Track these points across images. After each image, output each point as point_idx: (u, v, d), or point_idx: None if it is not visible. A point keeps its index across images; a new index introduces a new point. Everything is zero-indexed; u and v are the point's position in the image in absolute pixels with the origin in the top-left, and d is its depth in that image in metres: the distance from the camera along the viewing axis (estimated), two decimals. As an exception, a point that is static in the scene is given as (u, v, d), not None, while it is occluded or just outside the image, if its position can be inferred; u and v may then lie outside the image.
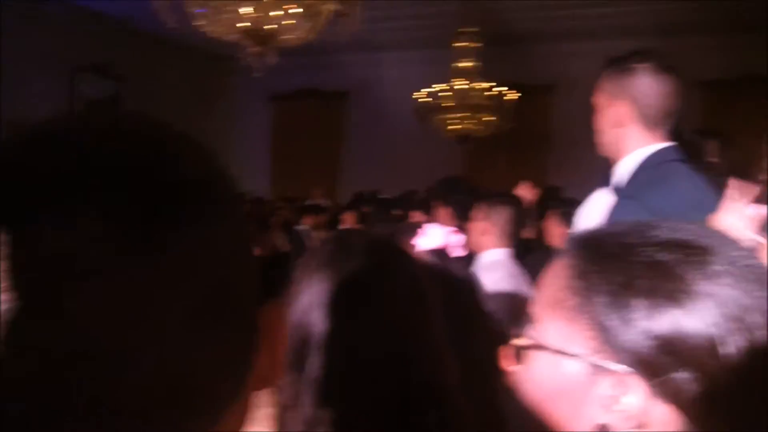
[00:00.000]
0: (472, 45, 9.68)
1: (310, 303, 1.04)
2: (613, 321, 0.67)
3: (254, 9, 5.21)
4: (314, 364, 1.02)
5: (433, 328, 1.10)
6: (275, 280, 1.06)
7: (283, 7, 5.31)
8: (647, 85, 1.87)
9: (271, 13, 5.26)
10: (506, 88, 9.80)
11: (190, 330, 0.41)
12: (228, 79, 13.31)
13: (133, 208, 0.39)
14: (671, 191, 1.74)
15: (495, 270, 2.77)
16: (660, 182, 1.78)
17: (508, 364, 0.81)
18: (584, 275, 0.71)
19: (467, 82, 9.61)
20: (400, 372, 1.03)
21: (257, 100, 13.36)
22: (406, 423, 1.01)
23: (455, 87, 9.65)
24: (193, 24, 5.45)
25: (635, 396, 0.67)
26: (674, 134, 2.61)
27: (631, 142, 1.90)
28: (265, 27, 5.31)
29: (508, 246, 2.86)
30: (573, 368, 0.72)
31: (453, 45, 9.88)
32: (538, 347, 0.75)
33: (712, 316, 0.64)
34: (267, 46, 5.46)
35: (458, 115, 9.77)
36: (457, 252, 1.37)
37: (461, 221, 3.46)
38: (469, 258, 2.98)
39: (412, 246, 1.20)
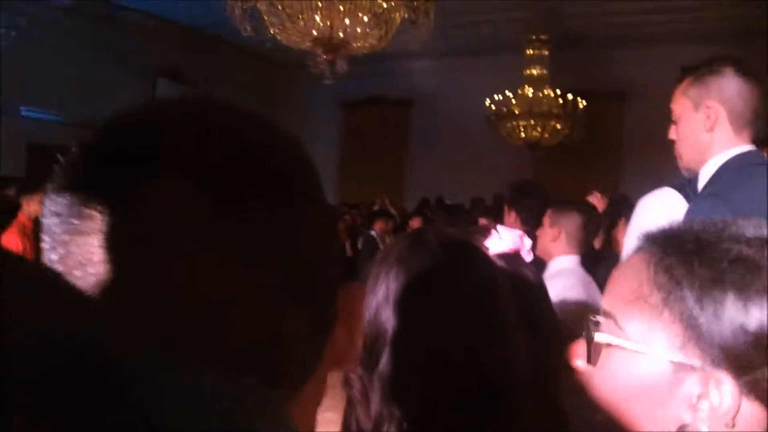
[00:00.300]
0: (543, 52, 9.60)
1: (383, 299, 1.03)
2: (703, 315, 0.65)
3: (326, 17, 5.30)
4: (385, 360, 1.01)
5: (507, 328, 1.09)
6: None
7: (356, 15, 5.39)
8: (736, 86, 1.83)
9: (343, 22, 5.36)
10: (574, 96, 9.69)
11: (275, 300, 0.43)
12: (297, 87, 13.52)
13: (228, 184, 0.42)
14: (756, 191, 1.70)
15: (565, 277, 2.73)
16: (744, 182, 1.74)
17: (577, 363, 0.79)
18: (669, 269, 0.69)
19: (537, 89, 9.55)
20: (471, 371, 1.00)
21: (326, 107, 13.54)
22: (475, 423, 1.00)
23: (525, 94, 9.60)
24: (267, 32, 5.59)
25: (725, 394, 0.65)
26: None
27: (718, 145, 1.86)
28: (337, 35, 5.40)
29: (578, 253, 2.82)
30: (655, 366, 0.70)
31: (523, 52, 9.82)
32: (618, 344, 0.72)
33: None
34: (338, 54, 5.55)
35: (528, 122, 9.70)
36: (527, 256, 1.36)
37: (530, 227, 3.45)
38: (538, 265, 2.96)
39: (484, 248, 1.20)
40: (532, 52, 9.63)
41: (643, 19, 10.34)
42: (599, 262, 3.38)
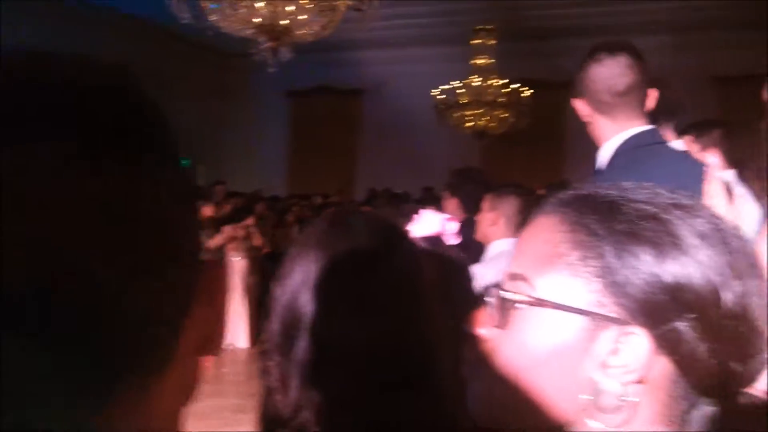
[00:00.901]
0: (489, 42, 9.68)
1: (301, 283, 1.00)
2: (621, 269, 0.66)
3: (269, 4, 5.24)
4: (304, 346, 0.98)
5: (429, 310, 1.08)
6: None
7: (298, 2, 5.34)
8: (593, 74, 1.89)
9: (286, 9, 5.30)
10: (519, 85, 9.81)
11: (118, 274, 0.38)
12: (242, 76, 13.37)
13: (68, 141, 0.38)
14: (645, 176, 1.73)
15: (504, 259, 2.74)
16: (635, 167, 1.78)
17: (483, 331, 0.77)
18: (588, 227, 0.69)
19: (484, 78, 9.63)
20: (394, 353, 1.00)
21: (273, 97, 13.43)
22: (400, 404, 0.99)
23: (472, 84, 9.67)
24: (207, 19, 5.50)
25: (638, 348, 0.66)
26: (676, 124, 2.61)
27: (603, 132, 1.93)
28: (280, 22, 5.34)
29: (516, 236, 2.83)
30: (570, 323, 0.69)
31: (470, 42, 9.89)
32: (537, 303, 0.70)
33: (713, 264, 0.65)
34: (281, 42, 5.49)
35: (475, 111, 9.79)
36: (452, 240, 1.35)
37: (471, 212, 3.46)
38: (478, 249, 2.98)
39: (407, 231, 1.18)
40: (479, 41, 9.70)
41: (588, 11, 10.51)
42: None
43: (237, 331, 7.73)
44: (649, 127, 1.92)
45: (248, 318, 7.73)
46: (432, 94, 10.18)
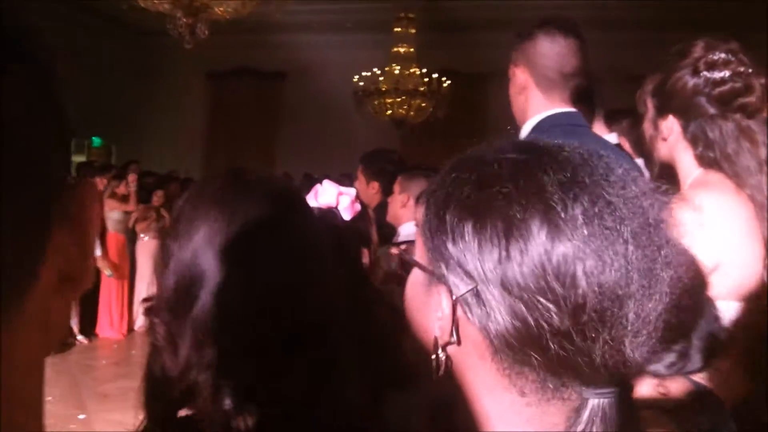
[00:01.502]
0: (410, 30, 9.74)
1: (203, 241, 0.99)
2: (437, 233, 0.68)
3: (186, -21, 5.13)
4: (201, 305, 0.97)
5: (324, 274, 1.10)
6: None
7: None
8: (541, 47, 1.89)
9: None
10: (437, 75, 9.91)
11: None
12: (160, 55, 13.04)
13: None
14: None
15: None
16: None
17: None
18: (428, 194, 0.72)
19: (404, 67, 9.68)
20: (292, 313, 1.00)
21: (193, 77, 13.13)
22: (290, 366, 0.99)
23: (392, 72, 9.71)
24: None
25: (445, 306, 0.67)
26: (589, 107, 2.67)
27: (532, 107, 1.93)
28: (197, -2, 5.25)
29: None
30: (421, 278, 0.73)
31: (392, 30, 9.92)
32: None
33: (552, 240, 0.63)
34: (198, 18, 5.38)
35: (394, 99, 9.84)
36: (346, 213, 1.37)
37: (384, 193, 3.55)
38: (390, 229, 3.02)
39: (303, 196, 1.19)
40: (399, 29, 9.75)
41: (511, 3, 10.68)
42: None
43: (148, 313, 7.60)
44: (573, 109, 1.95)
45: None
46: (352, 80, 10.16)
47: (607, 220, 0.61)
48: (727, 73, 1.56)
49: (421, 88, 9.70)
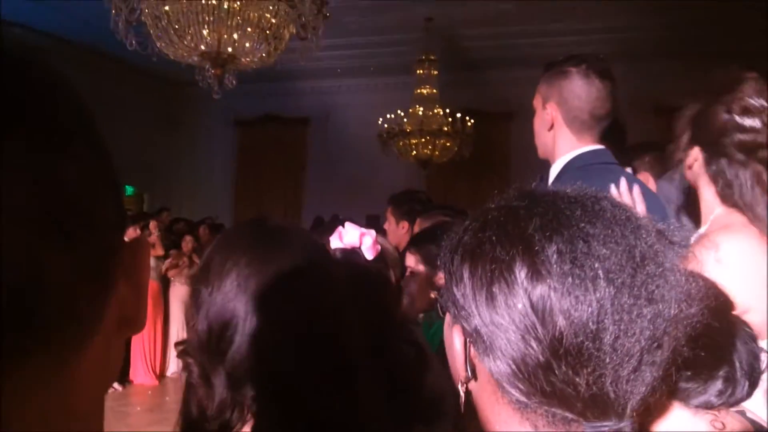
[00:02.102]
0: (432, 72, 9.86)
1: (236, 287, 1.04)
2: (450, 275, 0.73)
3: (214, 31, 5.29)
4: (235, 347, 1.03)
5: (351, 315, 1.14)
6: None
7: (244, 30, 5.40)
8: (577, 88, 1.86)
9: (231, 36, 5.35)
10: (462, 115, 9.99)
11: (30, 240, 0.38)
12: (189, 104, 13.33)
13: None
14: None
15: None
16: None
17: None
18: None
19: (427, 108, 9.79)
20: (316, 354, 1.05)
21: (220, 125, 13.38)
22: (319, 403, 1.03)
23: (416, 113, 9.82)
24: (153, 46, 5.52)
25: (458, 342, 0.73)
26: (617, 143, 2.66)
27: (561, 145, 1.92)
28: (224, 49, 5.39)
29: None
30: (447, 318, 0.79)
31: (413, 72, 10.06)
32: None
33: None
34: (226, 69, 5.54)
35: (419, 140, 9.92)
36: (368, 253, 1.42)
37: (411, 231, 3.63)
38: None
39: (327, 243, 1.25)
40: (422, 72, 9.87)
41: (529, 42, 10.78)
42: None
43: (180, 359, 7.65)
44: (602, 146, 1.92)
45: (192, 345, 7.65)
46: (377, 123, 10.29)
47: (580, 259, 0.64)
48: (757, 123, 1.53)
49: (445, 128, 9.78)
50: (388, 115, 10.11)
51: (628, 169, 2.31)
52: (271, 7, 5.35)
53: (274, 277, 1.05)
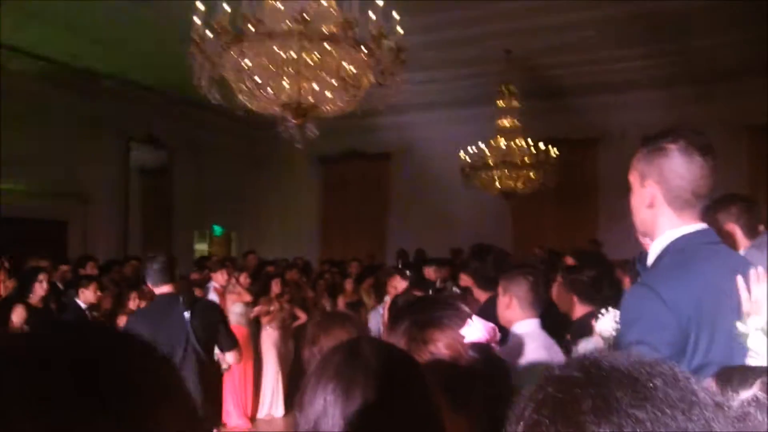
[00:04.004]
0: (513, 103, 9.78)
1: (322, 412, 1.11)
2: None
3: (294, 83, 5.38)
4: None
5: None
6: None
7: (324, 80, 5.48)
8: (678, 167, 1.80)
9: (311, 86, 5.44)
10: (546, 144, 9.85)
11: None
12: (273, 144, 13.67)
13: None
14: (686, 283, 1.68)
15: (526, 343, 2.76)
16: (678, 269, 1.75)
17: None
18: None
19: (509, 139, 9.70)
20: None
21: (304, 163, 13.67)
22: None
23: (498, 145, 9.74)
24: (236, 99, 5.67)
25: None
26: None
27: (662, 223, 1.85)
28: (305, 100, 5.48)
29: (534, 316, 2.85)
30: None
31: (493, 104, 10.00)
32: None
33: None
34: (307, 118, 5.62)
35: (503, 172, 9.82)
36: (497, 345, 1.47)
37: (484, 290, 3.63)
38: (502, 332, 3.00)
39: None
40: (502, 103, 9.80)
41: (611, 68, 10.58)
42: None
43: (274, 401, 7.76)
44: (705, 226, 1.87)
45: (284, 387, 7.75)
46: (458, 156, 10.26)
47: None
48: None
49: (528, 159, 9.66)
50: (470, 148, 10.06)
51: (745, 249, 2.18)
52: (349, 57, 5.41)
53: (358, 402, 1.11)
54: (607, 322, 2.98)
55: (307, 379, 1.19)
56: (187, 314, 4.11)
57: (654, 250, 1.87)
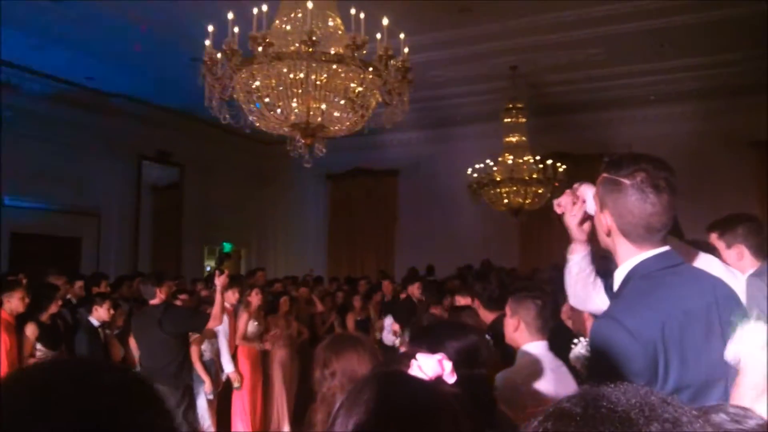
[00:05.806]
0: (519, 120, 9.81)
1: None
2: None
3: (303, 104, 5.45)
4: None
5: None
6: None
7: (332, 100, 5.55)
8: (629, 204, 1.78)
9: (319, 107, 5.51)
10: (553, 160, 9.87)
11: None
12: (281, 161, 13.75)
13: None
14: (648, 309, 1.68)
15: (532, 364, 2.80)
16: (640, 296, 1.74)
17: None
18: None
19: (516, 156, 9.72)
20: None
21: (312, 180, 13.72)
22: None
23: (505, 161, 9.76)
24: (246, 119, 5.74)
25: None
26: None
27: (621, 251, 1.84)
28: (314, 120, 5.55)
29: (541, 339, 2.88)
30: None
31: (501, 121, 10.03)
32: None
33: None
34: (316, 138, 5.69)
35: (510, 188, 9.83)
36: (449, 378, 1.44)
37: (490, 310, 3.67)
38: (510, 352, 3.04)
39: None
40: (509, 120, 9.83)
41: (618, 83, 10.62)
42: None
43: (281, 417, 7.77)
44: (664, 248, 1.83)
45: (290, 404, 7.77)
46: (466, 172, 10.29)
47: None
48: None
49: (536, 176, 9.67)
50: (477, 165, 10.09)
51: (702, 259, 2.14)
52: (356, 78, 5.48)
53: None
54: (578, 351, 3.02)
55: (336, 414, 1.21)
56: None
57: (617, 277, 1.86)
